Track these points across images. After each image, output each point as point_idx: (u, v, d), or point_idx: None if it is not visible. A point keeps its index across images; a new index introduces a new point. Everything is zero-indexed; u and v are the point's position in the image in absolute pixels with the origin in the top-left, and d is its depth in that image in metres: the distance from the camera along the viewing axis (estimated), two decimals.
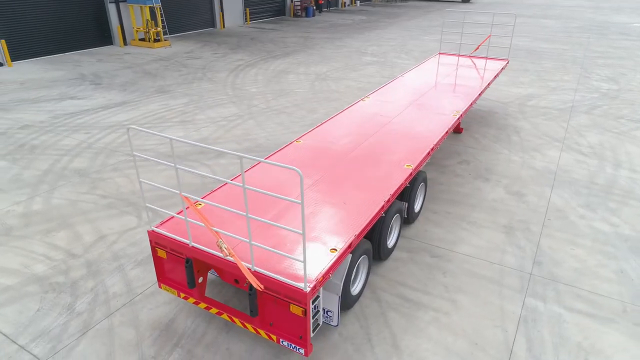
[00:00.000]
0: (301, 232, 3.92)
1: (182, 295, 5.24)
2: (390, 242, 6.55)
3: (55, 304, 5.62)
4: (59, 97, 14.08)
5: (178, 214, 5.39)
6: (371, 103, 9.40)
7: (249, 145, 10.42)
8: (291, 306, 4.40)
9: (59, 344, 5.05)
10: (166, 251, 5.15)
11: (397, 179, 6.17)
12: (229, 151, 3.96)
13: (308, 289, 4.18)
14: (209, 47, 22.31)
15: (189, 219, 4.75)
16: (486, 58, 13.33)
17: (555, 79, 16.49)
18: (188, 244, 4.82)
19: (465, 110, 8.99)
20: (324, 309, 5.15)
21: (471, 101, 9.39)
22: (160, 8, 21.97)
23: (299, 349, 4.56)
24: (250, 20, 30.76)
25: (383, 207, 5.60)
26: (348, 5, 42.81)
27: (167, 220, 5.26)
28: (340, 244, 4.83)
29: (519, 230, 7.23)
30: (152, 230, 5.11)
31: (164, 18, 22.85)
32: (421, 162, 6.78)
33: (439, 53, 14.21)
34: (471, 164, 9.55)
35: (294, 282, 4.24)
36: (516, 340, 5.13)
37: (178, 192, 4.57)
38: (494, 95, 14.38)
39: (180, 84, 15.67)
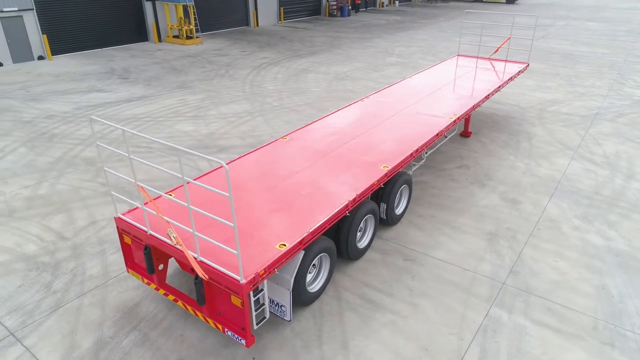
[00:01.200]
0: (232, 224, 4.02)
1: (146, 281, 5.48)
2: (363, 243, 6.52)
3: (36, 282, 6.01)
4: (87, 89, 14.86)
5: (145, 204, 5.61)
6: (369, 103, 9.35)
7: (252, 142, 10.61)
8: (232, 297, 4.51)
9: (29, 318, 5.40)
10: (130, 238, 5.40)
11: (368, 180, 6.14)
12: (177, 146, 4.11)
13: (244, 281, 4.28)
14: (238, 45, 22.81)
15: (146, 207, 4.97)
16: (505, 61, 12.91)
17: (586, 84, 15.71)
18: (146, 232, 5.03)
19: (465, 113, 8.78)
20: (277, 303, 5.23)
21: (472, 105, 9.15)
22: (193, 7, 22.67)
23: (240, 339, 4.66)
24: (284, 20, 31.14)
25: (347, 206, 5.60)
26: (387, 6, 42.44)
27: (135, 208, 5.50)
28: (291, 240, 4.89)
29: (504, 239, 7.00)
30: (119, 217, 5.37)
31: (196, 16, 23.53)
32: (400, 164, 6.70)
33: (457, 55, 13.89)
34: (471, 169, 9.31)
35: (231, 273, 4.34)
36: (469, 350, 5.01)
37: (133, 181, 4.79)
38: (514, 100, 13.90)
39: (201, 80, 16.14)
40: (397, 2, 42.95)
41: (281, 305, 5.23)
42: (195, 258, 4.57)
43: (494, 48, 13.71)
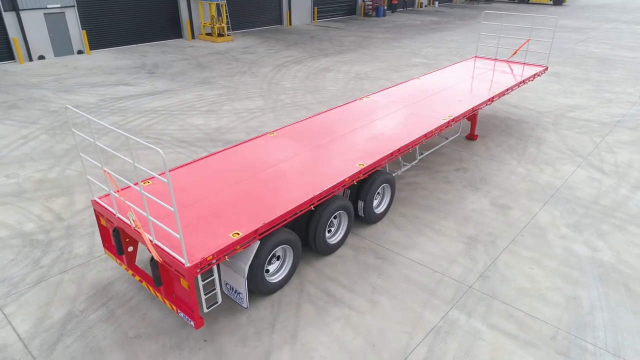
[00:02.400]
0: (172, 209, 4.25)
1: (118, 261, 5.83)
2: (334, 239, 6.61)
3: (27, 257, 6.50)
4: (115, 83, 15.67)
5: (123, 189, 5.95)
6: (367, 103, 9.38)
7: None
8: (181, 279, 4.74)
9: (13, 289, 5.87)
10: (105, 220, 5.76)
11: (339, 176, 6.23)
12: (138, 139, 4.39)
13: (188, 264, 4.50)
14: (267, 43, 23.24)
15: (114, 193, 5.30)
16: (523, 63, 12.53)
17: (616, 90, 14.96)
18: (114, 214, 5.37)
19: (461, 115, 8.66)
20: (235, 290, 5.44)
21: (471, 107, 9.00)
22: (225, 5, 23.31)
23: (190, 321, 4.90)
24: (317, 19, 31.38)
25: (311, 200, 5.72)
26: (425, 6, 41.83)
27: (120, 190, 5.85)
28: (245, 230, 5.06)
29: (483, 243, 6.89)
30: (95, 200, 5.74)
31: (228, 15, 24.16)
32: (377, 162, 6.73)
33: (475, 57, 13.62)
34: (468, 172, 9.15)
35: (177, 256, 4.58)
36: (417, 349, 5.01)
37: (101, 167, 5.12)
38: (533, 104, 13.46)
39: (223, 76, 16.63)
40: (436, 3, 42.24)
41: (239, 292, 5.43)
42: (150, 241, 4.85)
43: (520, 51, 13.30)
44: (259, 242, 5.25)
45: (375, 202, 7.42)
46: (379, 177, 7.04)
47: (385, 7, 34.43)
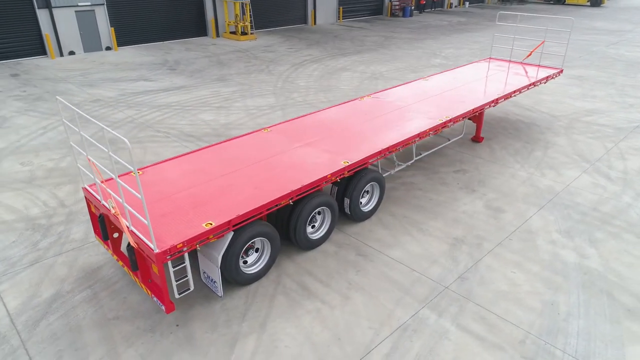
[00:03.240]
0: (139, 196, 4.46)
1: (106, 247, 6.13)
2: (317, 235, 6.70)
3: (27, 239, 6.91)
4: (136, 78, 16.25)
5: (107, 180, 6.23)
6: (368, 102, 9.42)
7: None
8: (152, 265, 4.96)
9: (10, 268, 6.26)
10: (93, 206, 6.06)
11: (321, 172, 6.32)
12: (109, 130, 4.64)
13: (157, 250, 4.70)
14: (289, 42, 23.49)
15: (98, 181, 5.58)
16: (538, 66, 12.24)
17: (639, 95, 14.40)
18: (100, 201, 5.65)
19: (460, 116, 8.58)
20: (211, 279, 5.63)
21: (472, 107, 8.89)
22: (248, 4, 23.70)
23: (162, 305, 5.11)
24: (342, 19, 31.43)
25: (289, 195, 5.84)
26: (455, 7, 41.19)
27: (105, 181, 6.14)
28: (218, 221, 5.24)
29: (468, 245, 6.83)
30: (85, 188, 6.06)
31: (251, 13, 24.54)
32: (363, 160, 6.78)
33: (489, 58, 13.40)
34: (467, 174, 9.05)
35: (148, 242, 4.79)
36: (381, 345, 5.05)
37: (85, 154, 5.40)
38: (548, 107, 13.12)
39: (241, 74, 16.96)
40: (467, 3, 41.52)
41: (214, 281, 5.62)
42: (127, 227, 5.09)
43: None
44: (232, 233, 5.42)
45: (363, 200, 7.47)
46: (366, 175, 7.08)
47: (412, 8, 34.11)
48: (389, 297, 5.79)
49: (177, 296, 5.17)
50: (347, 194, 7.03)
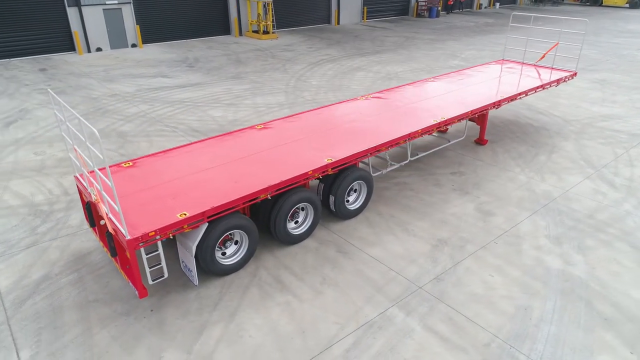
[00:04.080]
0: (109, 182, 4.69)
1: (94, 233, 6.43)
2: (299, 230, 6.81)
3: (27, 224, 7.31)
4: (155, 74, 16.76)
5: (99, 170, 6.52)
6: (365, 101, 9.45)
7: None
8: (126, 251, 5.19)
9: (7, 250, 6.65)
10: (82, 194, 6.37)
11: (302, 169, 6.42)
12: (80, 123, 4.90)
13: (129, 237, 4.93)
14: (309, 41, 23.66)
15: (84, 170, 5.86)
16: (551, 68, 11.95)
17: None
18: (87, 189, 5.94)
19: (456, 117, 8.51)
20: (188, 267, 5.83)
21: (471, 109, 8.79)
22: (271, 4, 24.00)
23: (136, 290, 5.34)
24: (367, 19, 31.36)
25: (266, 190, 5.97)
26: (485, 7, 40.40)
27: (91, 171, 6.45)
28: (192, 212, 5.42)
29: (451, 247, 6.78)
30: (76, 177, 6.37)
31: (273, 13, 24.84)
32: (347, 159, 6.84)
33: (502, 60, 13.17)
34: (463, 177, 8.95)
35: (122, 228, 5.02)
36: (343, 340, 5.12)
37: (72, 144, 5.69)
38: (562, 111, 12.77)
39: (256, 72, 17.23)
40: (497, 4, 40.63)
41: (190, 270, 5.82)
42: (106, 214, 5.34)
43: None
44: (207, 224, 5.59)
45: (351, 199, 7.52)
46: (352, 173, 7.13)
47: (439, 8, 33.68)
48: (360, 294, 5.83)
49: (150, 282, 5.39)
50: (332, 192, 7.11)
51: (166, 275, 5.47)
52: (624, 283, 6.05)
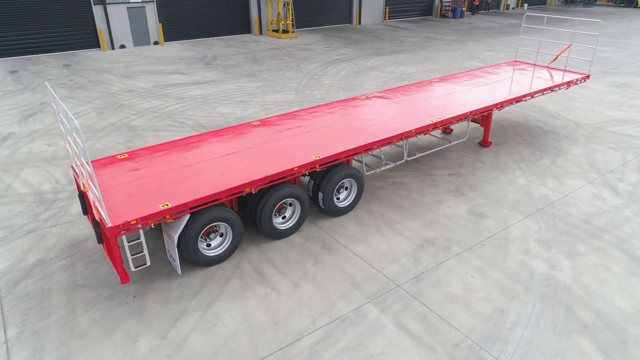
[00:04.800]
0: (89, 168, 4.91)
1: (89, 221, 6.71)
2: (285, 225, 6.92)
3: (31, 210, 7.68)
4: (172, 71, 17.20)
5: (97, 161, 6.82)
6: (367, 100, 9.48)
7: None
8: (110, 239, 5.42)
9: (9, 235, 7.02)
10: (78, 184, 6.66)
11: (288, 165, 6.53)
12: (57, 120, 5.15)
13: (110, 224, 5.15)
14: (327, 41, 23.76)
15: (76, 160, 6.13)
16: (564, 70, 11.69)
17: None
18: (79, 178, 6.22)
19: (453, 118, 8.45)
20: (172, 257, 6.03)
21: (469, 110, 8.71)
22: (290, 3, 24.20)
23: (118, 277, 5.57)
24: (389, 19, 31.21)
25: (251, 184, 6.10)
26: (513, 8, 39.57)
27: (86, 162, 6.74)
28: (175, 203, 5.61)
29: (436, 247, 6.76)
30: (72, 166, 6.67)
31: (293, 12, 25.02)
32: (335, 156, 6.90)
33: (515, 61, 12.94)
34: (461, 178, 8.88)
35: (104, 215, 5.24)
36: (313, 333, 5.20)
37: (65, 135, 5.97)
38: (575, 114, 12.45)
39: (270, 70, 17.45)
40: (525, 5, 39.72)
41: (174, 259, 6.02)
42: (93, 202, 5.59)
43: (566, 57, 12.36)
44: (189, 215, 5.77)
45: (341, 196, 7.59)
46: (341, 171, 7.20)
47: (463, 9, 33.19)
48: (337, 289, 5.90)
49: (132, 269, 5.61)
50: (321, 188, 7.19)
51: (148, 263, 5.68)
52: (610, 290, 5.91)
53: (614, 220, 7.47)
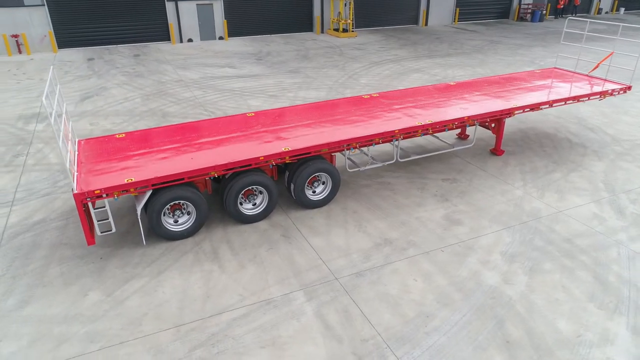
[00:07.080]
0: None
1: None
2: (252, 211, 7.31)
3: (53, 178, 8.84)
4: (224, 65, 18.31)
5: (95, 139, 7.69)
6: (367, 99, 9.55)
7: None
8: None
9: (28, 196, 8.17)
10: None
11: (256, 154, 6.91)
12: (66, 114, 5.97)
13: (76, 191, 5.90)
14: (385, 41, 23.66)
15: (65, 140, 7.02)
16: (604, 80, 10.78)
17: None
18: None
19: (449, 121, 8.28)
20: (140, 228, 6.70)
21: (467, 115, 8.45)
22: (352, 3, 24.42)
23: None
24: (458, 21, 30.17)
25: (212, 168, 6.58)
26: (606, 12, 36.20)
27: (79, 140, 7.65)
28: (139, 178, 6.25)
29: (392, 247, 6.75)
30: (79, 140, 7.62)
31: (353, 12, 25.18)
32: (305, 149, 7.15)
33: (554, 68, 12.14)
34: (454, 184, 8.65)
35: (73, 184, 6.01)
36: (236, 310, 5.55)
37: (52, 120, 6.87)
38: (617, 129, 11.40)
39: (314, 67, 17.89)
40: (622, 9, 36.14)
41: (141, 230, 6.69)
42: (74, 174, 6.41)
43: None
44: (151, 191, 6.39)
45: (317, 190, 7.80)
46: (313, 164, 7.42)
47: (543, 12, 31.07)
48: (277, 275, 6.18)
49: (99, 234, 6.35)
50: (292, 180, 7.49)
51: (114, 230, 6.39)
52: (557, 312, 5.55)
53: (601, 242, 6.90)
